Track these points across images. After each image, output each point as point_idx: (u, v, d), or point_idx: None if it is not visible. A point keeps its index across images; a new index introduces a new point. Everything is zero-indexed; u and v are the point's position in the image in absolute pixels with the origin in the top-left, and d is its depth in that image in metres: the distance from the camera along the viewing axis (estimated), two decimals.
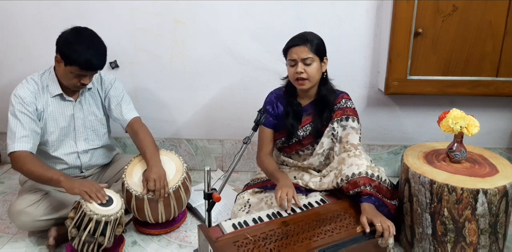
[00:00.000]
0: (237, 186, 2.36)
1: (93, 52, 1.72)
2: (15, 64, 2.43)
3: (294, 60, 1.74)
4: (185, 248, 1.85)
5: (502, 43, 2.01)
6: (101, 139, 2.02)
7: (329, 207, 1.67)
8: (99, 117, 1.99)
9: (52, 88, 1.85)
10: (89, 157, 2.00)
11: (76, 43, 1.71)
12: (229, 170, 1.61)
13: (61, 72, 1.79)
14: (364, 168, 1.67)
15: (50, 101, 1.85)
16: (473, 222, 1.57)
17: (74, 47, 1.70)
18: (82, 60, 1.70)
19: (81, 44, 1.71)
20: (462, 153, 1.72)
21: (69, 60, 1.71)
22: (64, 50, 1.72)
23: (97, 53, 1.75)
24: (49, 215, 1.79)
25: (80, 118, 1.93)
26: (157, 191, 1.78)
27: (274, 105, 1.91)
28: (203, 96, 2.45)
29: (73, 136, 1.93)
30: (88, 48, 1.71)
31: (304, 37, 1.74)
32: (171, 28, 2.30)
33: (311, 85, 1.79)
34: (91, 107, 1.96)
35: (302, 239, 1.49)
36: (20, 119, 1.77)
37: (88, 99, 1.95)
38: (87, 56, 1.70)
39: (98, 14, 2.29)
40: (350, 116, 1.83)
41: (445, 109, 1.78)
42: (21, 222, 1.76)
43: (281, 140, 1.94)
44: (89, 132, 1.97)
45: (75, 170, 2.00)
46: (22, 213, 1.75)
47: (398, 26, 2.00)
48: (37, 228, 1.81)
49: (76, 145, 1.95)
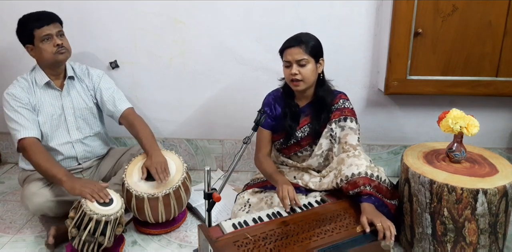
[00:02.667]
0: (237, 186, 2.37)
1: (36, 13, 1.88)
2: (15, 64, 2.43)
3: (288, 61, 1.74)
4: (185, 248, 1.85)
5: (502, 43, 2.01)
6: (92, 127, 2.06)
7: (329, 207, 1.67)
8: (88, 106, 2.03)
9: (39, 78, 1.93)
10: (84, 147, 2.03)
11: (23, 21, 1.87)
12: (229, 170, 1.61)
13: (38, 55, 1.88)
14: (363, 168, 1.67)
15: (40, 93, 1.93)
16: (473, 222, 1.57)
17: (21, 22, 1.87)
18: (32, 20, 1.83)
19: (24, 17, 1.88)
20: (462, 153, 1.72)
21: (27, 32, 1.84)
22: (20, 33, 1.87)
23: (41, 12, 1.90)
24: (62, 197, 1.82)
25: (69, 108, 1.98)
26: (160, 174, 1.81)
27: (272, 106, 1.92)
28: (203, 96, 2.45)
29: (65, 126, 1.98)
30: (31, 15, 1.88)
31: (299, 38, 1.74)
32: (171, 28, 2.30)
33: (306, 86, 1.79)
34: (80, 96, 2.01)
35: (302, 239, 1.49)
36: (19, 112, 1.85)
37: (76, 87, 2.01)
38: (34, 17, 1.85)
39: (98, 14, 2.29)
40: (348, 116, 1.83)
41: (445, 109, 1.78)
42: (35, 204, 1.79)
43: (280, 141, 1.94)
44: (80, 121, 2.02)
45: (72, 162, 2.03)
46: (36, 194, 1.79)
47: (398, 26, 2.00)
48: (50, 210, 1.82)
49: (69, 134, 1.99)
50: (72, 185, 1.68)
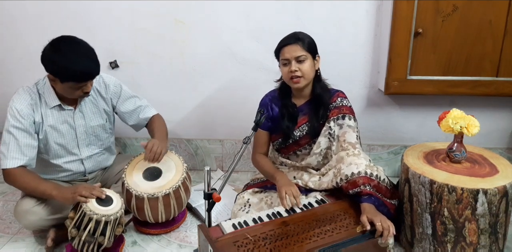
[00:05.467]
0: (237, 186, 2.36)
1: (82, 61, 1.64)
2: (15, 64, 2.43)
3: (287, 59, 1.75)
4: (185, 248, 1.85)
5: (502, 43, 2.01)
6: (104, 143, 2.00)
7: (329, 207, 1.67)
8: (101, 123, 1.95)
9: (49, 100, 1.79)
10: (93, 162, 1.99)
11: (61, 59, 1.62)
12: (229, 170, 1.61)
13: (60, 89, 1.74)
14: (363, 168, 1.67)
15: (49, 112, 1.80)
16: (473, 222, 1.57)
17: (61, 64, 1.62)
18: (75, 73, 1.63)
19: (66, 58, 1.61)
20: (462, 153, 1.72)
21: (63, 77, 1.65)
22: (54, 69, 1.65)
23: (87, 61, 1.66)
24: (56, 215, 1.79)
25: (81, 126, 1.89)
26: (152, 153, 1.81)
27: (269, 107, 1.92)
28: (203, 96, 2.45)
29: (76, 143, 1.90)
30: (75, 59, 1.62)
31: (296, 36, 1.77)
32: (171, 28, 2.30)
33: (306, 82, 1.79)
34: (93, 114, 1.91)
35: (302, 239, 1.49)
36: (14, 134, 1.72)
37: (88, 105, 1.89)
38: (79, 68, 1.62)
39: (98, 14, 2.29)
40: (347, 114, 1.83)
41: (445, 109, 1.78)
42: (28, 222, 1.76)
43: (278, 141, 1.94)
44: (92, 137, 1.94)
45: (79, 176, 2.00)
46: (29, 212, 1.74)
47: (398, 26, 2.00)
48: (43, 227, 1.80)
49: (80, 152, 1.93)
50: (63, 196, 1.65)
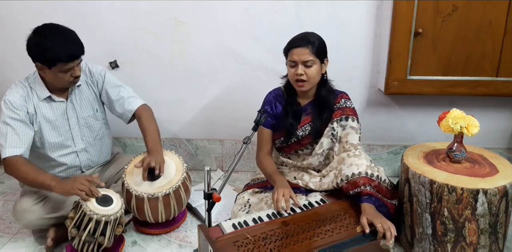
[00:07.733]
0: (237, 186, 2.36)
1: (65, 41, 1.69)
2: (15, 64, 2.43)
3: (294, 61, 1.73)
4: (185, 248, 1.85)
5: (502, 43, 2.01)
6: (97, 133, 2.00)
7: (329, 207, 1.67)
8: (92, 113, 1.96)
9: (40, 92, 1.82)
10: (88, 155, 1.99)
11: (45, 42, 1.66)
12: (229, 170, 1.61)
13: (49, 77, 1.76)
14: (363, 168, 1.67)
15: (41, 104, 1.82)
16: (473, 222, 1.57)
17: (46, 47, 1.66)
18: (61, 53, 1.67)
19: (50, 41, 1.67)
20: (462, 153, 1.72)
21: (50, 61, 1.68)
22: (40, 54, 1.68)
23: (70, 41, 1.72)
24: (54, 213, 1.79)
25: (73, 117, 1.90)
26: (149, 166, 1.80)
27: (273, 104, 1.91)
28: (203, 96, 2.45)
29: (70, 135, 1.91)
30: (59, 41, 1.68)
31: (306, 38, 1.73)
32: (171, 28, 2.30)
33: (310, 86, 1.79)
34: (84, 104, 1.93)
35: (302, 239, 1.49)
36: (10, 125, 1.74)
37: (79, 96, 1.92)
38: (63, 47, 1.67)
39: (98, 14, 2.29)
40: (350, 115, 1.83)
41: (445, 109, 1.78)
42: (27, 221, 1.76)
43: (280, 140, 1.93)
44: (84, 129, 1.95)
45: (76, 171, 1.99)
46: (28, 211, 1.75)
47: (398, 26, 2.00)
48: (42, 226, 1.80)
49: (74, 144, 1.93)
50: (62, 187, 1.64)
